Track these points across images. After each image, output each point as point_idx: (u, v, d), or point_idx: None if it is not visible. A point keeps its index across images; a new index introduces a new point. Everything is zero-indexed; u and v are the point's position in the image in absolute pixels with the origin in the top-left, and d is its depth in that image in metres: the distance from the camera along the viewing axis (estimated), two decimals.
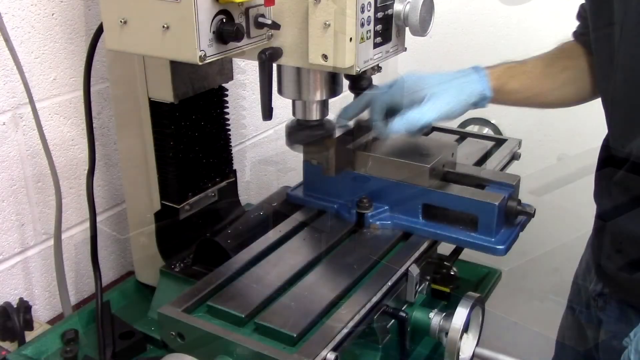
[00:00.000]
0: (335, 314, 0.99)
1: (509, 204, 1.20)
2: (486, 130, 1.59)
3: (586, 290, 1.27)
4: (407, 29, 1.10)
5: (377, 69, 1.17)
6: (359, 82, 1.22)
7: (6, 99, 1.26)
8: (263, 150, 1.94)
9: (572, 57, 1.25)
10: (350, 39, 0.98)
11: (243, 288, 1.05)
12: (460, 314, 1.03)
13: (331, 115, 1.22)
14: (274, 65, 1.07)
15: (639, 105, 1.04)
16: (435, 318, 1.09)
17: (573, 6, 1.28)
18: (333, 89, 1.14)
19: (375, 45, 1.05)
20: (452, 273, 1.24)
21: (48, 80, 1.32)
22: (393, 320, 1.10)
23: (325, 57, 0.99)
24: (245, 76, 1.78)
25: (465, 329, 1.04)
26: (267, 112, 1.08)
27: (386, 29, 1.06)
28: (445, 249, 1.26)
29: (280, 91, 1.15)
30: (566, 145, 1.96)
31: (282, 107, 1.21)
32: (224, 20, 0.94)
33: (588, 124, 1.40)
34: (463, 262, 1.41)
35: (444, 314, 1.09)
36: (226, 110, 1.33)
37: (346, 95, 1.23)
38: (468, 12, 2.00)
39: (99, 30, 1.09)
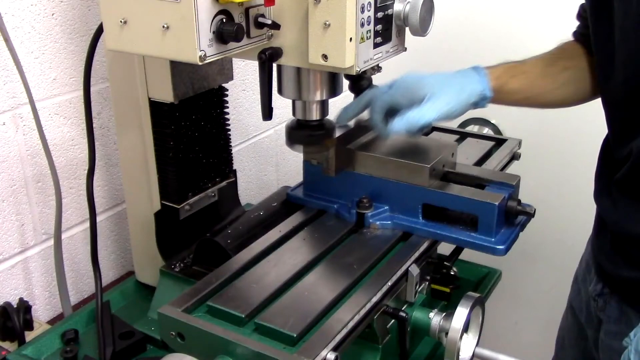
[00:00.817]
0: (335, 314, 0.99)
1: (509, 204, 1.20)
2: (486, 130, 1.59)
3: (586, 290, 1.26)
4: (407, 29, 1.10)
5: (377, 69, 1.17)
6: (359, 82, 1.22)
7: (6, 99, 1.25)
8: (263, 150, 1.94)
9: (572, 57, 1.25)
10: (350, 39, 0.98)
11: (243, 288, 1.05)
12: (460, 314, 1.03)
13: (331, 116, 1.22)
14: (274, 65, 1.07)
15: (639, 105, 1.04)
16: (435, 318, 1.08)
17: (573, 6, 1.28)
18: (333, 89, 1.14)
19: (375, 45, 1.05)
20: (452, 273, 1.24)
21: (48, 80, 1.32)
22: (393, 320, 1.10)
23: (325, 57, 0.99)
24: (245, 76, 1.78)
25: (465, 329, 1.04)
26: (267, 112, 1.08)
27: (386, 29, 1.06)
28: (445, 249, 1.26)
29: (280, 91, 1.15)
30: (566, 145, 1.96)
31: (282, 107, 1.21)
32: (224, 20, 0.94)
33: (588, 124, 1.40)
34: (463, 262, 1.41)
35: (444, 314, 1.08)
36: (226, 110, 1.32)
37: (346, 95, 1.23)
38: (468, 12, 2.00)
39: (99, 30, 1.09)
